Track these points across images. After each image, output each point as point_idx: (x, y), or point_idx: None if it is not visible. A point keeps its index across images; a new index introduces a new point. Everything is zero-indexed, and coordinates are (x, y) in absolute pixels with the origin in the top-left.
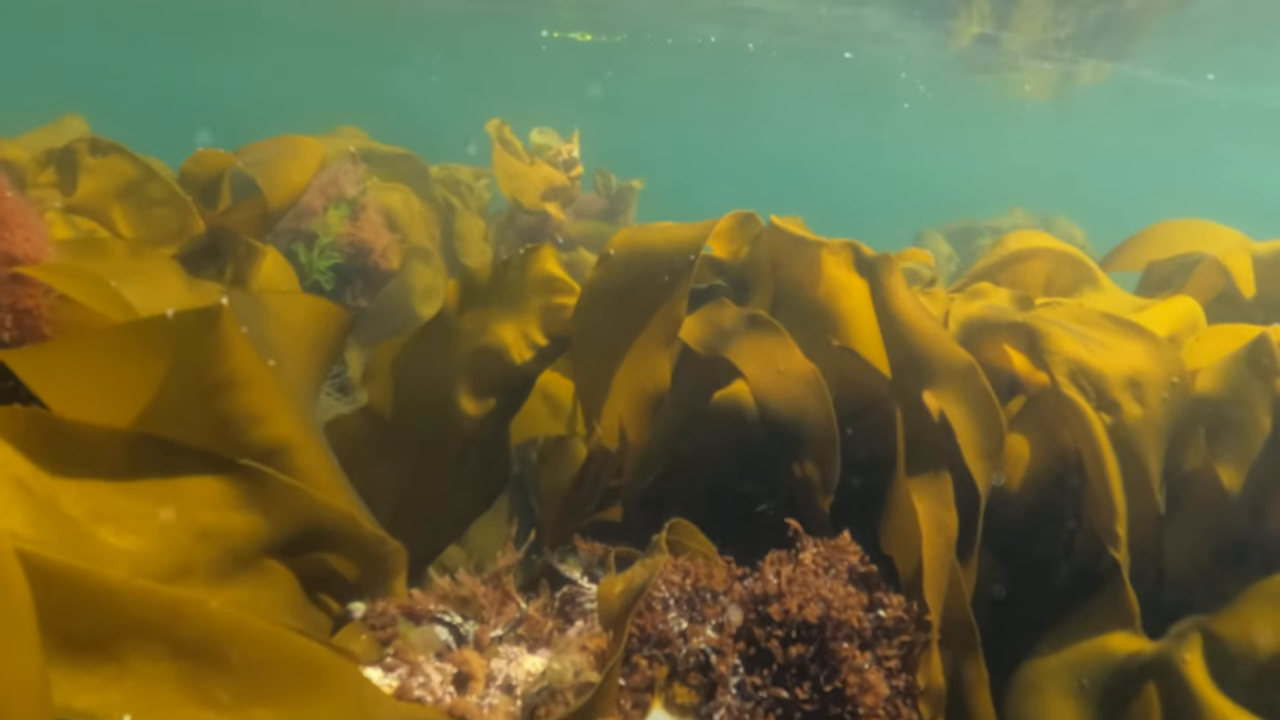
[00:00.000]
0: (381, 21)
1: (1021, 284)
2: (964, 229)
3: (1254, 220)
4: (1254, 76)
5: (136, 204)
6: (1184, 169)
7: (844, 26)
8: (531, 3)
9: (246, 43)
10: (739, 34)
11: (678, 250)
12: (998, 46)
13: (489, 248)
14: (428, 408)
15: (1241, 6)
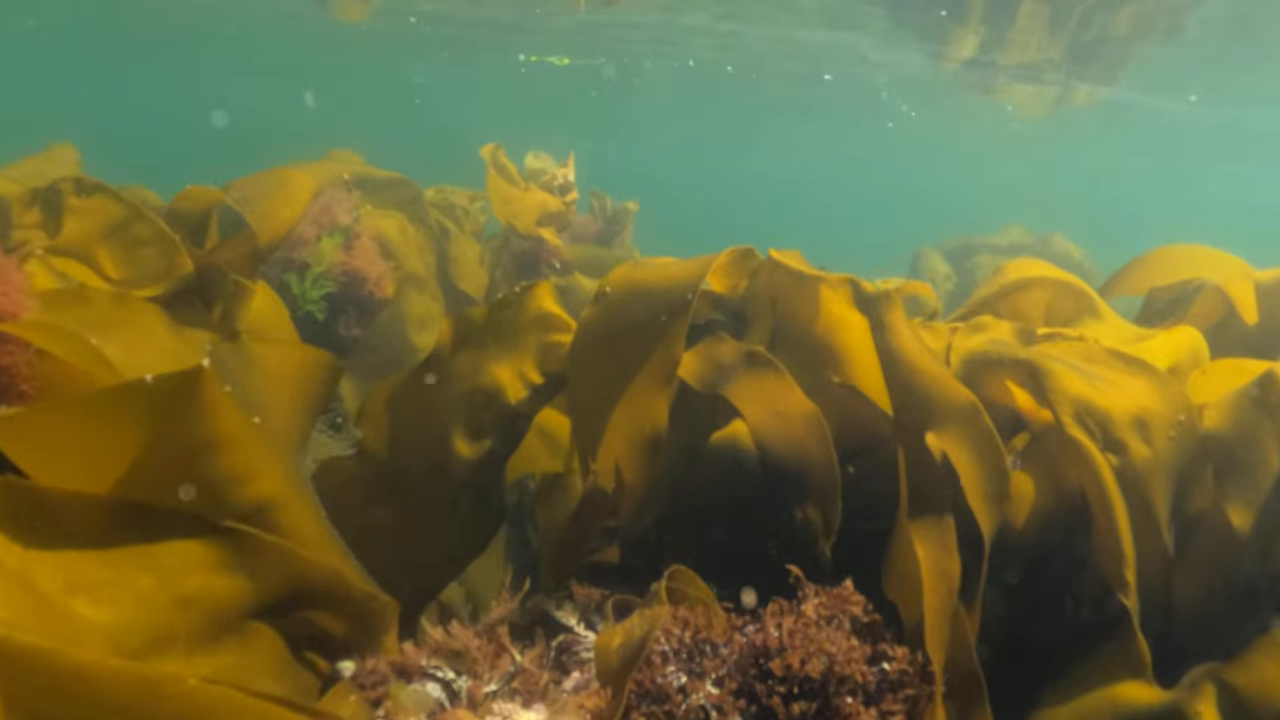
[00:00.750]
0: (366, 44)
1: (1022, 313)
2: (961, 247)
3: (1240, 236)
4: (1234, 98)
5: (123, 244)
6: (1170, 185)
7: (821, 50)
8: (508, 29)
9: (236, 66)
10: (718, 57)
11: (675, 288)
12: (992, 67)
13: (484, 272)
14: (422, 451)
15: (1219, 32)
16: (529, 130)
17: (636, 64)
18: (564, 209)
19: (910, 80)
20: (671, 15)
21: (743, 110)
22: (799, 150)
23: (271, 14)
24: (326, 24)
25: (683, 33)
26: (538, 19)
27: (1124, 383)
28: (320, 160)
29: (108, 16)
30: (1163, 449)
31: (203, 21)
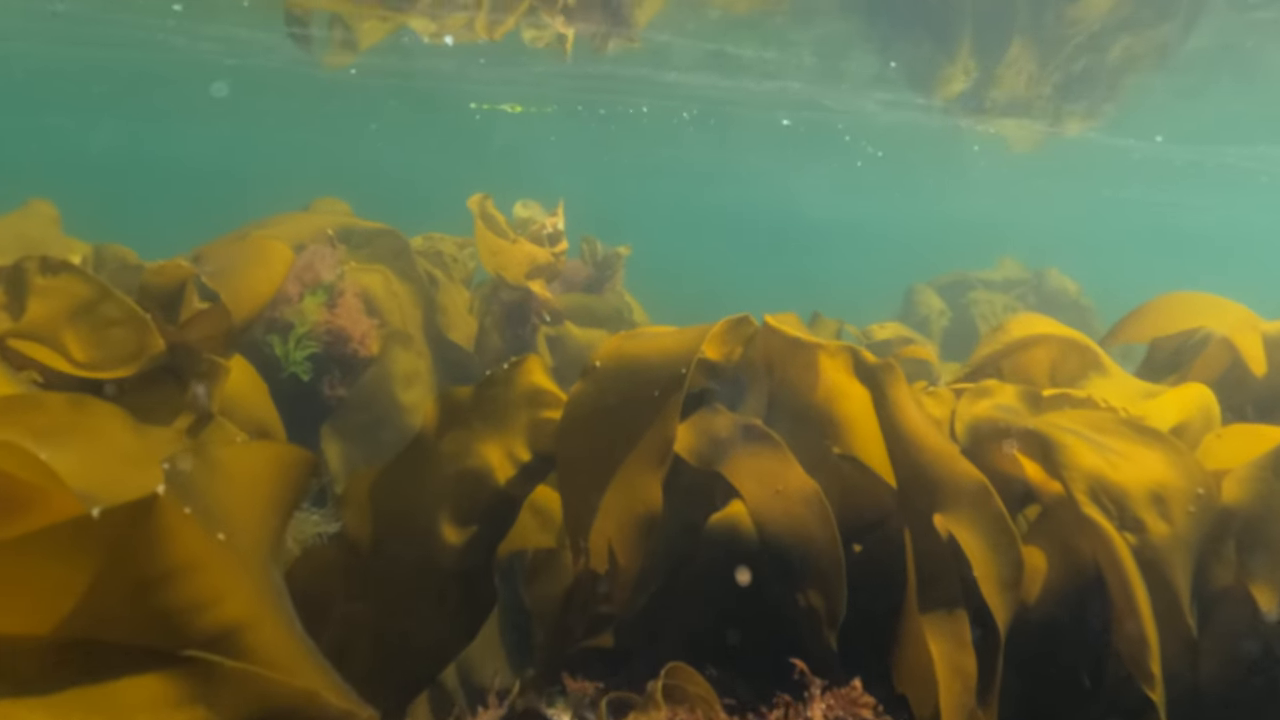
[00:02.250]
0: (341, 93)
1: (1026, 371)
2: (954, 282)
3: (1221, 263)
4: (1200, 136)
5: (91, 326)
6: (1147, 216)
7: (775, 97)
8: (456, 78)
9: (213, 114)
10: (670, 104)
11: (668, 363)
12: (981, 102)
13: (473, 320)
14: (408, 539)
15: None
16: (509, 173)
17: (590, 111)
18: (553, 260)
19: (867, 123)
20: (658, 71)
21: (708, 151)
22: (772, 186)
23: (252, 68)
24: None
25: (641, 82)
26: (482, 69)
27: (1138, 454)
28: (305, 211)
29: (71, 64)
30: (1182, 525)
31: (181, 74)
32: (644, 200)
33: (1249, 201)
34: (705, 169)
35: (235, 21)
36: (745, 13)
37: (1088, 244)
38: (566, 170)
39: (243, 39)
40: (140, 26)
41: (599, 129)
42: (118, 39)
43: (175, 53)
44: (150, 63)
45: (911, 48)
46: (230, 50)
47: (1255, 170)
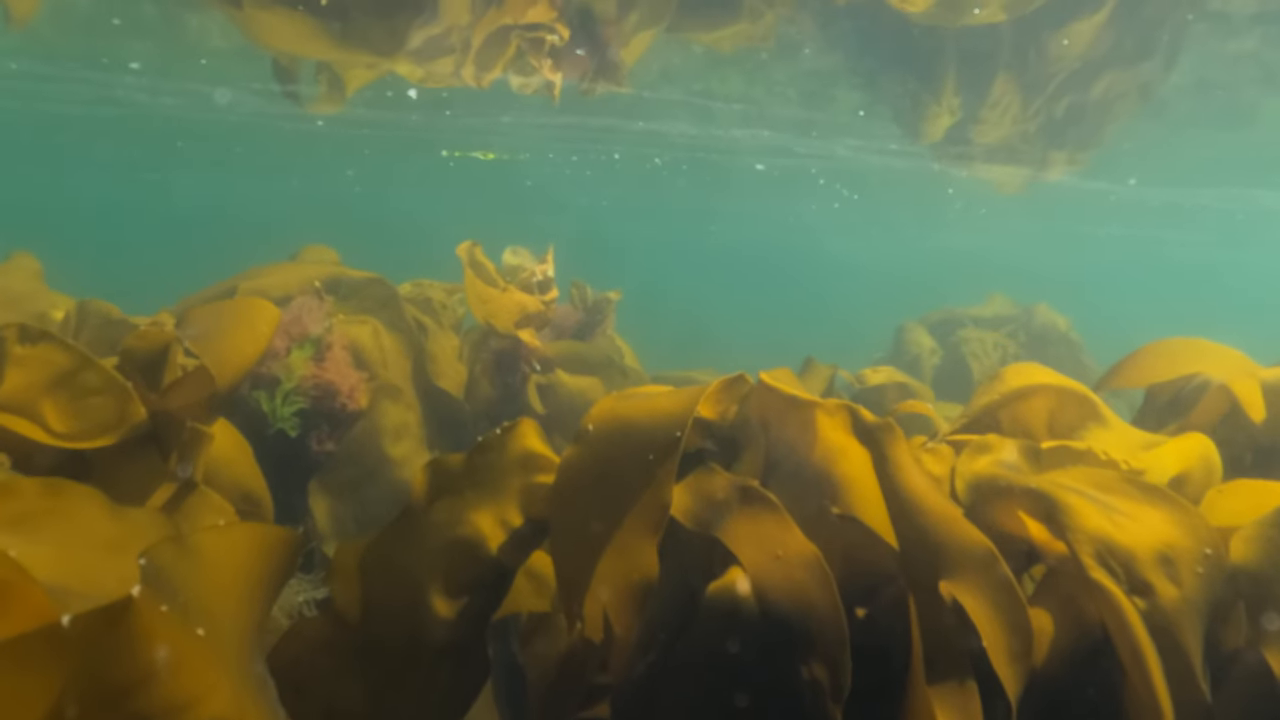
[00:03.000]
0: (311, 142)
1: (1024, 422)
2: (944, 320)
3: (1202, 295)
4: (1174, 179)
5: (70, 395)
6: (1127, 250)
7: (745, 142)
8: (426, 127)
9: (187, 163)
10: (642, 151)
11: (662, 425)
12: (967, 144)
13: (463, 368)
14: (398, 612)
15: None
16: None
17: (563, 159)
18: (543, 309)
19: (850, 167)
20: (628, 120)
21: (691, 192)
22: (755, 224)
23: (233, 119)
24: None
25: (595, 132)
26: (447, 120)
27: (1143, 514)
28: (292, 260)
29: (48, 114)
30: (1191, 588)
31: (149, 126)
32: (627, 240)
33: (1227, 237)
34: (686, 209)
35: (196, 78)
36: (731, 50)
37: (1070, 277)
38: (549, 212)
39: (204, 94)
40: (100, 84)
41: (573, 174)
42: (80, 96)
43: (138, 107)
44: (115, 116)
45: (896, 84)
46: (193, 104)
47: (1231, 210)
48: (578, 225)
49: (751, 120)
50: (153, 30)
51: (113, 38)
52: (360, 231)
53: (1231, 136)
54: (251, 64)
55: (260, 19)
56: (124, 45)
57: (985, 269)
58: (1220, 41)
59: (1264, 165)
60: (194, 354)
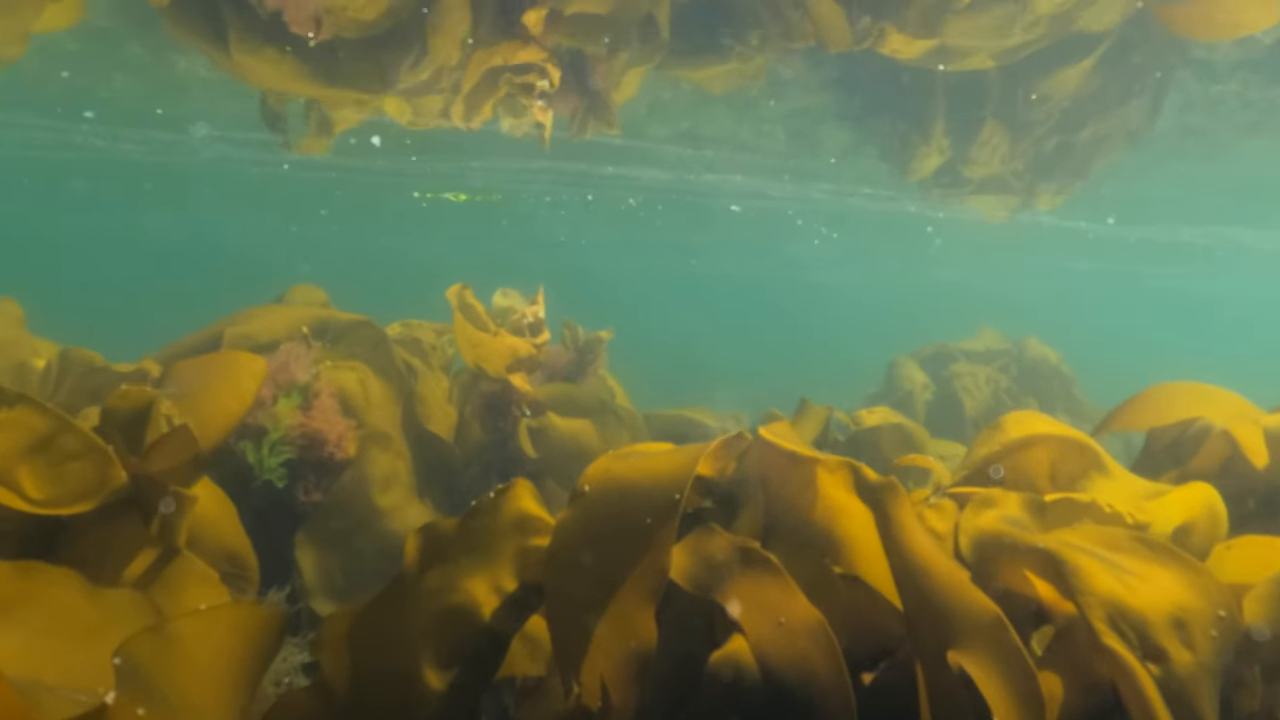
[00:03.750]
0: (279, 186)
1: (1025, 473)
2: (936, 354)
3: (1185, 324)
4: (1152, 217)
5: (48, 460)
6: (1109, 283)
7: (720, 185)
8: (394, 172)
9: (181, 200)
10: (615, 194)
11: (660, 487)
12: (956, 178)
13: (453, 410)
14: (387, 684)
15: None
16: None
17: (538, 199)
18: (534, 352)
19: (826, 209)
20: (596, 165)
21: (670, 230)
22: (738, 258)
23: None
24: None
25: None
26: (414, 165)
27: (1154, 575)
28: (279, 303)
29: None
30: (1205, 651)
31: (110, 170)
32: (611, 272)
33: (1207, 269)
34: (666, 243)
35: (153, 126)
36: (721, 91)
37: (1055, 308)
38: (530, 247)
39: (164, 140)
40: (56, 130)
41: (549, 214)
42: (39, 141)
43: (99, 151)
44: (75, 160)
45: (885, 125)
46: (152, 150)
47: (1211, 245)
48: (559, 260)
49: (723, 166)
50: (140, 70)
51: (79, 86)
52: (340, 265)
53: (1208, 172)
54: (220, 108)
55: (247, 62)
56: (91, 92)
57: (970, 300)
58: (1204, 85)
59: (1238, 202)
60: (176, 414)
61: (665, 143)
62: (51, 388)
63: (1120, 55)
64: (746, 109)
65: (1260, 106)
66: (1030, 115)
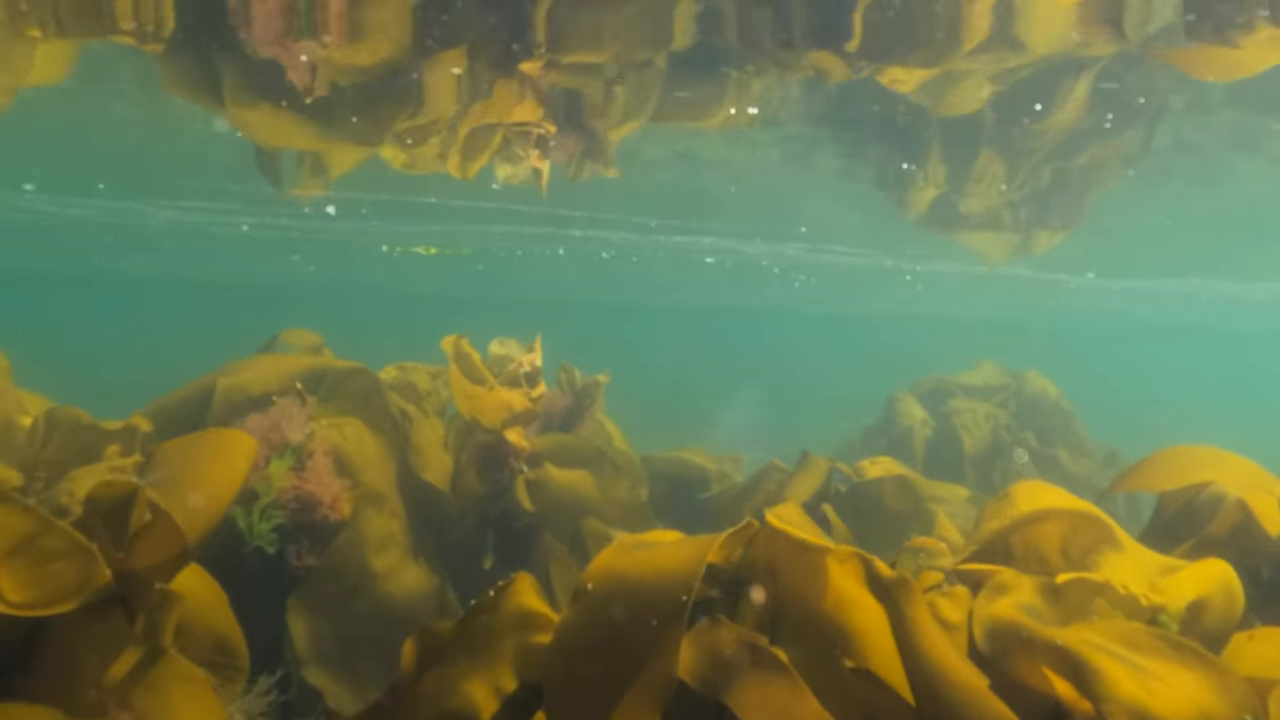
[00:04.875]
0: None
1: (1036, 548)
2: (935, 389)
3: (1174, 357)
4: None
5: (29, 561)
6: (1096, 322)
7: (692, 244)
8: (358, 232)
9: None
10: (587, 246)
11: (666, 586)
12: (953, 213)
13: (449, 457)
14: None
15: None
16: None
17: (509, 253)
18: (530, 406)
19: (802, 261)
20: (587, 230)
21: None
22: (727, 299)
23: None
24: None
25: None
26: (376, 227)
27: (1176, 677)
28: (272, 348)
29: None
30: None
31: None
32: (597, 305)
33: (1193, 313)
34: (648, 283)
35: (101, 196)
36: (718, 131)
37: (1043, 343)
38: (511, 286)
39: (115, 208)
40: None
41: (521, 265)
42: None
43: (49, 216)
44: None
45: (881, 156)
46: (103, 214)
47: (1195, 292)
48: (542, 298)
49: (692, 230)
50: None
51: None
52: (322, 302)
53: (1185, 235)
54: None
55: (244, 115)
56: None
57: (958, 327)
58: (1197, 117)
59: (1215, 259)
60: (163, 502)
61: (631, 211)
62: (38, 446)
63: (1114, 86)
64: (739, 133)
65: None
66: (1026, 144)
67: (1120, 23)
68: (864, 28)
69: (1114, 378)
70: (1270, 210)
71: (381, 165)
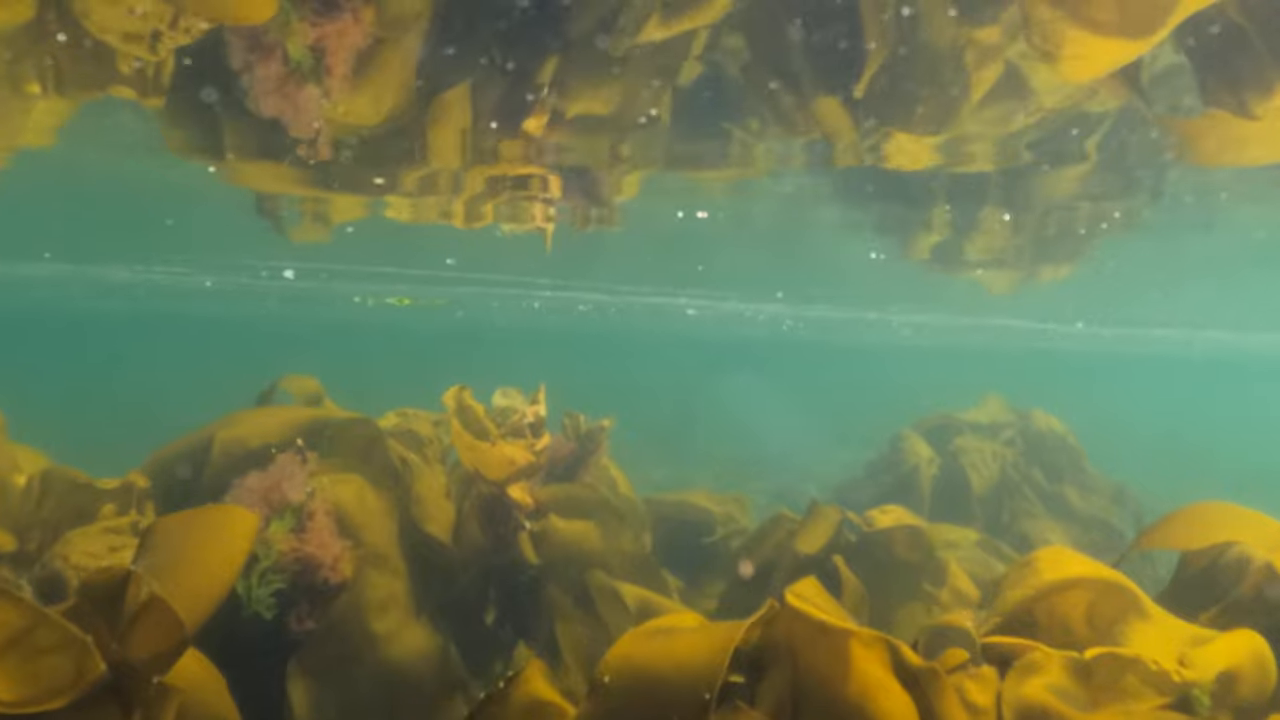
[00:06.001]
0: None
1: (1061, 618)
2: (940, 425)
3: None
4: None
5: (22, 657)
6: (1086, 358)
7: (666, 305)
8: (322, 290)
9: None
10: (565, 296)
11: (687, 681)
12: (957, 255)
13: (451, 506)
14: None
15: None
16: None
17: (485, 304)
18: (533, 460)
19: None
20: (557, 292)
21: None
22: (706, 330)
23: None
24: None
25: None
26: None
27: None
28: (272, 397)
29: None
30: None
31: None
32: (585, 337)
33: (1188, 353)
34: (636, 321)
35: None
36: (721, 186)
37: (1035, 377)
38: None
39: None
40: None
41: (498, 314)
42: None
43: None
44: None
45: (885, 210)
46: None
47: (1190, 340)
48: (533, 328)
49: (664, 294)
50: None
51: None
52: (307, 335)
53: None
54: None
55: (244, 169)
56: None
57: (955, 357)
58: (1199, 174)
59: (1201, 311)
60: (160, 588)
61: (599, 279)
62: (33, 506)
63: (1117, 153)
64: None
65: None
66: (1030, 206)
67: (1137, 79)
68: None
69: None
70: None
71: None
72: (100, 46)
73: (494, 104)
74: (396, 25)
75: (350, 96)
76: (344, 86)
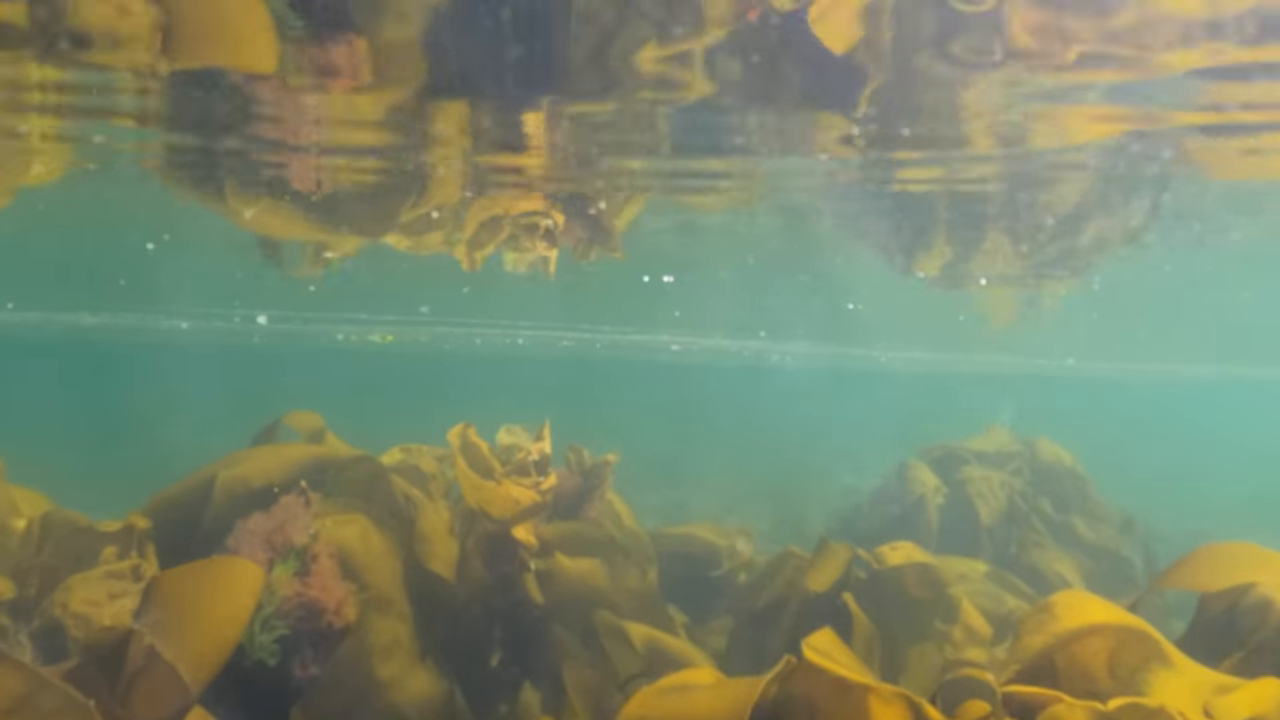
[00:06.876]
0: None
1: (1082, 665)
2: (946, 455)
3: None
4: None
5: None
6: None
7: (649, 341)
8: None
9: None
10: (544, 333)
11: None
12: (960, 275)
13: (454, 543)
14: None
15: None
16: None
17: (467, 340)
18: (538, 499)
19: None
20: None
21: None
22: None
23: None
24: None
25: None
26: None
27: None
28: (274, 434)
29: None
30: None
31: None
32: (576, 361)
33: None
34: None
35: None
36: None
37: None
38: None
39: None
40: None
41: (481, 350)
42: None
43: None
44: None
45: (887, 233)
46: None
47: (1183, 377)
48: (526, 353)
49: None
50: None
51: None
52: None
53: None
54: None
55: (245, 211)
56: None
57: (961, 386)
58: (1201, 186)
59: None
60: (163, 647)
61: (575, 319)
62: (32, 551)
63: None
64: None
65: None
66: (1032, 220)
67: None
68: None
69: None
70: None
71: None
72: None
73: (491, 134)
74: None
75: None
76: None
